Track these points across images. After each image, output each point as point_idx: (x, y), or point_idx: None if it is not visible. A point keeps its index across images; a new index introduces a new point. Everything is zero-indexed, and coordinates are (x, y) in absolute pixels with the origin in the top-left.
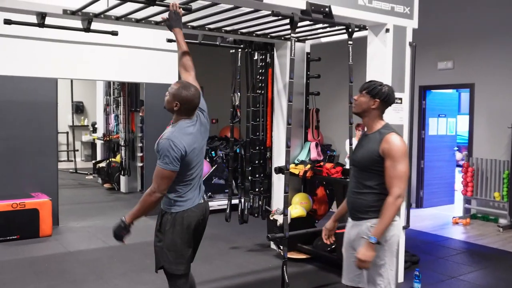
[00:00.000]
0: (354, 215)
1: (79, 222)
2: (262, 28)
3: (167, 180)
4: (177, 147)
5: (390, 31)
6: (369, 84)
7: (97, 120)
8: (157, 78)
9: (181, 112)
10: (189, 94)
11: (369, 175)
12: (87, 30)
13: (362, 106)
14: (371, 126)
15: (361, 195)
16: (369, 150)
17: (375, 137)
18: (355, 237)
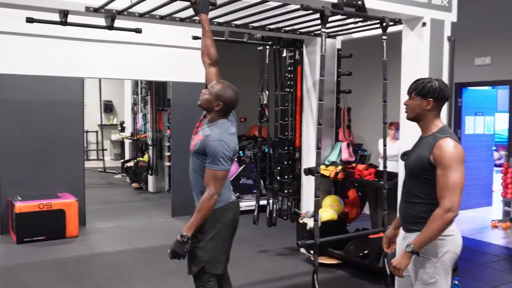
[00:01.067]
0: (405, 227)
1: (105, 223)
2: (290, 24)
3: (223, 180)
4: (230, 147)
5: (427, 25)
6: (417, 83)
7: (125, 119)
8: (184, 76)
9: (221, 112)
10: (232, 95)
11: (419, 183)
12: (111, 27)
13: (415, 110)
14: (427, 129)
15: (410, 204)
16: (420, 156)
17: (428, 142)
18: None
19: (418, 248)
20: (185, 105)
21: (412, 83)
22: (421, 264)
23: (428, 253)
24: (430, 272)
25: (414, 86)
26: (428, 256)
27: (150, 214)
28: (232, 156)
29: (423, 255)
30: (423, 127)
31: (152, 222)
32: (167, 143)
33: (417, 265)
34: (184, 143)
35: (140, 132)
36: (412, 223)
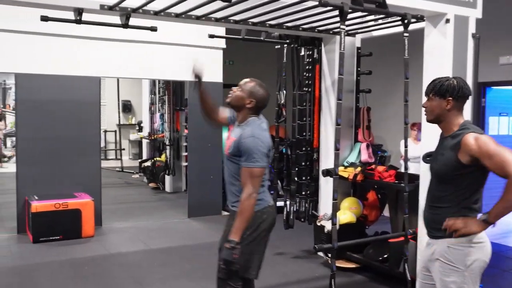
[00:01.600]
0: (431, 233)
1: (121, 223)
2: (309, 21)
3: (260, 178)
4: (264, 143)
5: (451, 21)
6: (434, 83)
7: (143, 119)
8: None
9: (253, 110)
10: (265, 93)
11: (447, 186)
12: (125, 26)
13: (435, 111)
14: (449, 129)
15: (437, 209)
16: (446, 158)
17: (450, 142)
18: (430, 258)
19: (493, 220)
20: None
21: (429, 83)
22: (448, 273)
23: (456, 262)
24: (458, 282)
25: (431, 86)
26: (456, 264)
27: (166, 215)
28: (267, 152)
29: (450, 263)
30: (445, 128)
31: (168, 223)
32: (184, 143)
33: (444, 273)
34: (201, 143)
35: (157, 132)
36: (438, 229)
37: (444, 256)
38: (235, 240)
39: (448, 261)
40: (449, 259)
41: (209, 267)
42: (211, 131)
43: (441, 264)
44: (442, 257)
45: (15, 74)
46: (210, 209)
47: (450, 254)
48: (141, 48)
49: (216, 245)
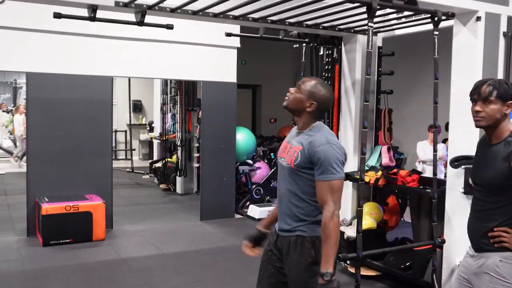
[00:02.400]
0: (478, 246)
1: (133, 226)
2: (329, 19)
3: (341, 192)
4: (341, 150)
5: (482, 19)
6: (493, 85)
7: (154, 119)
8: (215, 76)
9: (315, 114)
10: (328, 93)
11: (498, 197)
12: (141, 23)
13: (495, 116)
14: (500, 135)
15: (486, 221)
16: (496, 167)
17: (500, 150)
18: (475, 271)
19: None
20: (216, 105)
21: (482, 85)
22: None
23: (509, 277)
24: None
25: (490, 89)
26: (509, 280)
27: (178, 217)
28: (345, 161)
29: (503, 278)
30: (495, 134)
31: (180, 226)
32: (196, 144)
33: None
34: (214, 144)
35: (169, 133)
36: (488, 242)
37: (496, 270)
38: (330, 272)
39: (500, 276)
40: (501, 273)
41: (225, 273)
42: (224, 132)
43: (491, 278)
44: (493, 271)
45: (26, 73)
46: (223, 212)
47: (503, 268)
48: (154, 47)
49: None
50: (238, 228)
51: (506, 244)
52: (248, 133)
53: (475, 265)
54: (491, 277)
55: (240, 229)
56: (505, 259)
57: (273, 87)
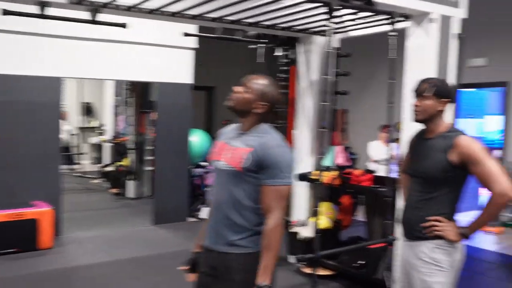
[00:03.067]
0: (414, 234)
1: (83, 232)
2: (287, 20)
3: (287, 199)
4: (292, 156)
5: (436, 21)
6: (430, 83)
7: (106, 122)
8: (171, 77)
9: (263, 116)
10: (278, 94)
11: (436, 187)
12: (94, 21)
13: (429, 111)
14: (434, 130)
15: (423, 210)
16: (436, 160)
17: (439, 143)
18: (410, 259)
19: (470, 233)
20: (172, 107)
21: (422, 83)
22: (433, 274)
23: (442, 262)
24: (442, 282)
25: (426, 86)
26: (442, 264)
27: (130, 222)
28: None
29: (437, 263)
30: (432, 129)
31: (133, 231)
32: (149, 146)
33: (429, 274)
34: (168, 147)
35: (121, 135)
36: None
37: (430, 256)
38: (267, 284)
39: (434, 261)
40: (436, 258)
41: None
42: (179, 134)
43: (426, 264)
44: (428, 257)
45: None
46: (176, 215)
47: (437, 254)
48: (107, 47)
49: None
50: (192, 231)
51: (439, 233)
52: (203, 135)
53: (411, 253)
54: (426, 263)
55: (194, 232)
56: (438, 246)
57: (228, 89)
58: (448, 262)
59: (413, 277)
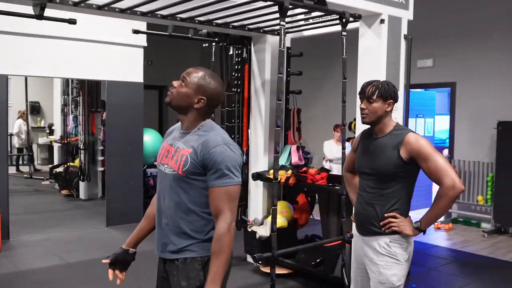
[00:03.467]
0: (367, 230)
1: (33, 235)
2: (239, 18)
3: (238, 199)
4: (239, 152)
5: (385, 21)
6: (376, 86)
7: (54, 122)
8: (121, 75)
9: (204, 111)
10: (218, 86)
11: (389, 183)
12: (40, 17)
13: (377, 113)
14: (383, 130)
15: (377, 206)
16: (387, 157)
17: (389, 141)
18: (367, 253)
19: (424, 227)
20: (122, 105)
21: (367, 86)
22: (391, 267)
23: (398, 256)
24: (399, 274)
25: (372, 89)
26: (398, 258)
27: (83, 224)
28: (242, 165)
29: (393, 257)
30: (380, 129)
31: (85, 233)
32: (100, 146)
33: (386, 267)
34: (120, 147)
35: (70, 135)
36: (378, 226)
37: (387, 250)
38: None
39: (390, 254)
40: (392, 253)
41: (136, 280)
42: (131, 133)
43: (383, 258)
44: (385, 251)
45: None
46: (130, 216)
47: (394, 248)
48: (55, 44)
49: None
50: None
51: (395, 228)
52: (156, 134)
53: (366, 248)
54: (383, 257)
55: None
56: (394, 240)
57: None
58: (403, 255)
59: (371, 270)
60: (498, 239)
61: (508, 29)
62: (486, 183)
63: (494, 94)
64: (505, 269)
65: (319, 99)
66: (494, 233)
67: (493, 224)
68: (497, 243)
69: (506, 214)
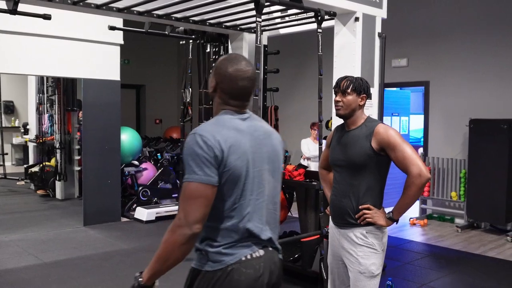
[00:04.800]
0: (344, 221)
1: (7, 235)
2: (216, 16)
3: (199, 202)
4: (207, 143)
5: (360, 20)
6: (350, 80)
7: (29, 121)
8: (97, 73)
9: (221, 98)
10: (230, 67)
11: (361, 174)
12: (13, 12)
13: (351, 106)
14: (355, 122)
15: (352, 198)
16: (359, 147)
17: (361, 132)
18: (344, 245)
19: (397, 216)
20: (98, 104)
21: (342, 80)
22: (369, 256)
23: (375, 245)
24: (377, 264)
25: (347, 83)
26: (376, 247)
27: (59, 224)
28: (214, 158)
29: (371, 247)
30: (353, 121)
31: (62, 232)
32: (76, 146)
33: (365, 257)
34: (97, 145)
35: (46, 135)
36: (354, 218)
37: (365, 240)
38: (143, 282)
39: (369, 245)
40: (369, 243)
41: (113, 278)
42: (108, 132)
43: (362, 248)
44: (363, 241)
45: None
46: (108, 215)
47: (371, 238)
48: (28, 41)
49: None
50: (125, 231)
51: (370, 220)
52: (133, 133)
53: (343, 240)
54: (361, 247)
55: (127, 232)
56: (370, 231)
57: (158, 88)
58: (379, 245)
59: (349, 261)
60: (471, 233)
61: (478, 30)
62: (459, 180)
63: (465, 93)
64: (477, 262)
65: (296, 97)
66: (467, 228)
67: (466, 220)
68: (470, 238)
69: (479, 210)
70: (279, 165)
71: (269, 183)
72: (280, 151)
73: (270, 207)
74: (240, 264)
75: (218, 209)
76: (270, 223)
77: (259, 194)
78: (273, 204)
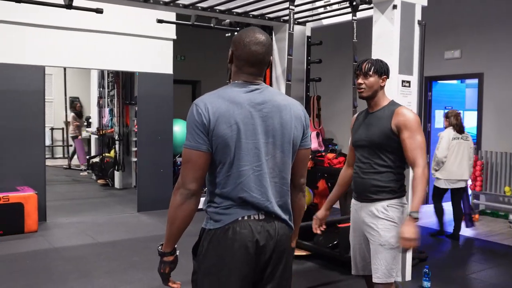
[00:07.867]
0: (365, 197)
1: (68, 218)
2: (259, 7)
3: (190, 166)
4: (198, 111)
5: (398, 7)
6: (371, 63)
7: (91, 114)
8: (150, 67)
9: (237, 65)
10: (248, 35)
11: (382, 153)
12: (69, 6)
13: (374, 87)
14: (378, 104)
15: (373, 175)
16: (380, 128)
17: (383, 114)
18: (364, 219)
19: (416, 214)
20: (152, 96)
21: (363, 63)
22: (390, 229)
23: (395, 219)
24: (396, 236)
25: (368, 66)
26: (396, 221)
27: (115, 209)
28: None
29: (392, 220)
30: (376, 103)
31: (116, 217)
32: (134, 138)
33: (386, 230)
34: (150, 136)
35: (106, 127)
36: (375, 192)
37: (385, 213)
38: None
39: (388, 217)
40: (390, 215)
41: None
42: (161, 124)
43: (383, 222)
44: (384, 215)
45: None
46: (161, 203)
47: (391, 212)
48: (87, 37)
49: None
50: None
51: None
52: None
53: (364, 213)
54: (382, 221)
55: None
56: (391, 205)
57: (212, 83)
58: (400, 218)
59: (370, 234)
60: None
61: None
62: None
63: None
64: None
65: (345, 91)
66: None
67: None
68: None
69: None
70: (287, 140)
71: (274, 157)
72: (291, 125)
73: (276, 181)
74: (237, 223)
75: (214, 175)
76: (276, 197)
77: (259, 166)
78: (281, 179)
